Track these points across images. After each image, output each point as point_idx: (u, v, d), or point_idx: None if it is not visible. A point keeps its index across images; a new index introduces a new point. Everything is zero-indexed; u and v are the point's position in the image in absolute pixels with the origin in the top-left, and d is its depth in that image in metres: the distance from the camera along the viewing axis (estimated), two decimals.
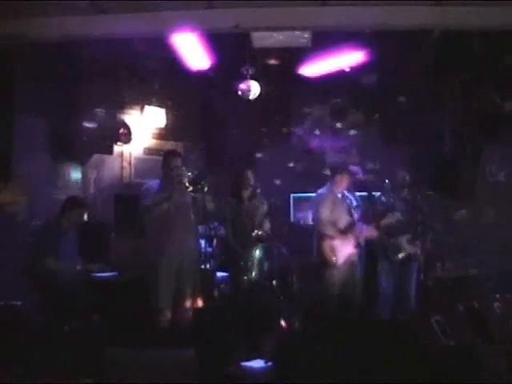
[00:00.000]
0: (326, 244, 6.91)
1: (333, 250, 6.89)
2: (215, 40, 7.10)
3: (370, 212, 7.14)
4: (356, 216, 7.11)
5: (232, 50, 7.56)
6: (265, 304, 7.05)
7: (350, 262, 6.99)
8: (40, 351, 5.89)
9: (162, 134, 9.11)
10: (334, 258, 6.87)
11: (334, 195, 7.12)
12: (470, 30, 5.99)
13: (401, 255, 7.12)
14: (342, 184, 7.16)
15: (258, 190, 7.09)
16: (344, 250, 6.92)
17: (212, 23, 5.47)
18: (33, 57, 6.86)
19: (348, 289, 6.98)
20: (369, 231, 7.01)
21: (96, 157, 8.27)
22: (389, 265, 7.14)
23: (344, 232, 6.97)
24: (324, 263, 6.93)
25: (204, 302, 6.52)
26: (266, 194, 7.34)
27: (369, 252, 7.29)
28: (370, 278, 7.29)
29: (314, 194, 7.45)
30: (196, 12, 5.41)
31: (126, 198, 7.97)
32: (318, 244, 7.00)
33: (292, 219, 9.14)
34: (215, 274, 7.13)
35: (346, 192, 7.20)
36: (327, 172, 8.74)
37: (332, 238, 6.90)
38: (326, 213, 7.01)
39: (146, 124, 8.90)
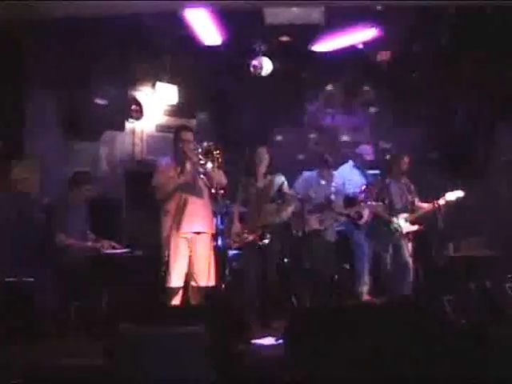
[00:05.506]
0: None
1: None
2: (227, 16, 7.05)
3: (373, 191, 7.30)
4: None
5: (244, 27, 7.51)
6: (276, 282, 7.07)
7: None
8: (51, 328, 5.96)
9: (174, 111, 9.06)
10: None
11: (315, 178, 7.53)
12: (484, 6, 5.92)
13: (398, 233, 7.36)
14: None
15: (274, 168, 7.07)
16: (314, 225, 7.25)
17: None
18: (44, 33, 6.83)
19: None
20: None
21: (108, 133, 8.24)
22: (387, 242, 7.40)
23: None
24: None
25: (215, 279, 6.52)
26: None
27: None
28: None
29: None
30: None
31: (138, 174, 7.97)
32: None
33: None
34: (227, 252, 7.14)
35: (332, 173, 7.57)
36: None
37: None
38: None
39: (157, 101, 8.86)
